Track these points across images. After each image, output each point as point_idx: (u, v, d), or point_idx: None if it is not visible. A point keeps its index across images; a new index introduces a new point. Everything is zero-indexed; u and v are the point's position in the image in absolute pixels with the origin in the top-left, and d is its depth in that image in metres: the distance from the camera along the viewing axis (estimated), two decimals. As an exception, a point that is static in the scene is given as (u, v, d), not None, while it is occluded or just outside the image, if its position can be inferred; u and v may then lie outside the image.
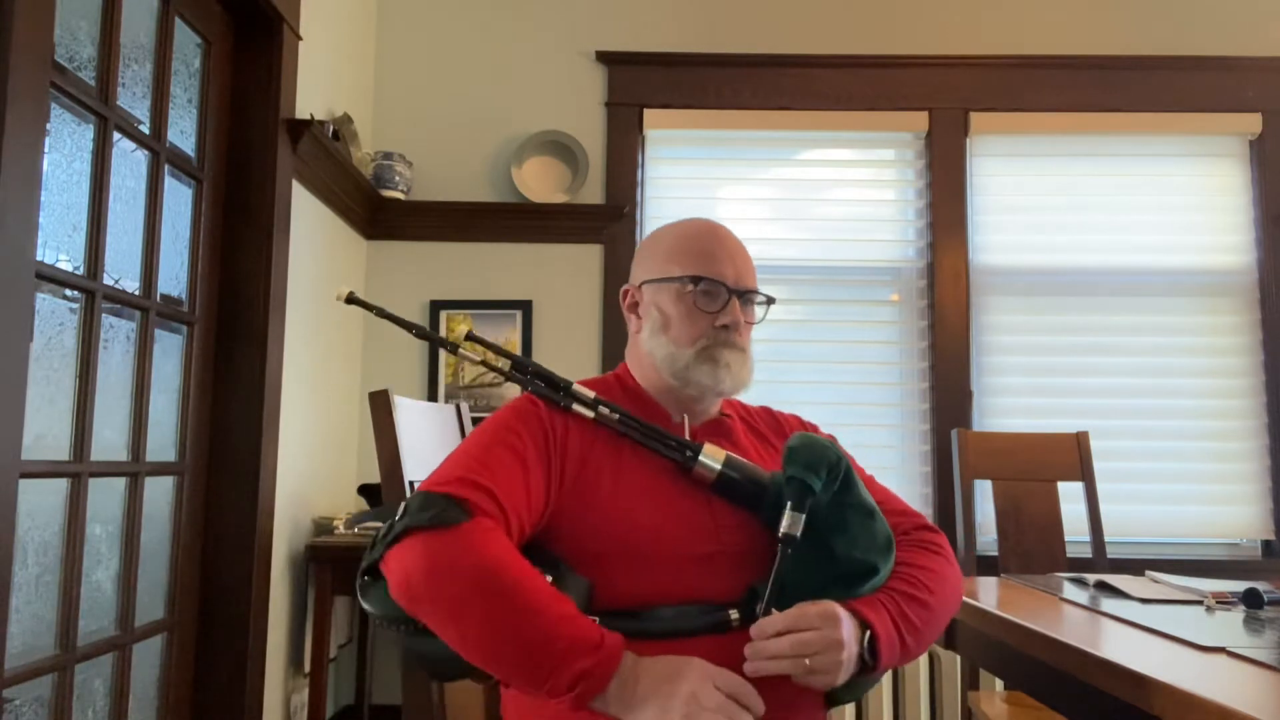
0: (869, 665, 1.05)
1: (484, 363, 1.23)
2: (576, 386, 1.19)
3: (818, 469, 1.09)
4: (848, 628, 1.03)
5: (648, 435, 1.16)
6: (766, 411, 1.37)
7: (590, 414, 1.16)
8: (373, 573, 1.04)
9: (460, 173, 3.12)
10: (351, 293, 1.27)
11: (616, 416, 1.16)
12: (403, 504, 1.04)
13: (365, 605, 1.04)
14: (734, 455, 1.16)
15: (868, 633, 1.05)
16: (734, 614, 1.09)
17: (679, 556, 1.11)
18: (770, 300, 1.28)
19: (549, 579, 1.04)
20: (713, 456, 1.14)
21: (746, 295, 1.24)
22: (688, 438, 1.20)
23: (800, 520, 1.08)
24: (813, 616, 1.02)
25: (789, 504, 1.08)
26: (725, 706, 0.94)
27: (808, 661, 0.99)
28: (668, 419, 1.23)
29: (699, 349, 1.19)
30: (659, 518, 1.12)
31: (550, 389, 1.18)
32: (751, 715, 0.96)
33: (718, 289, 1.21)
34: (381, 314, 1.27)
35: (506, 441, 1.11)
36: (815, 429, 1.34)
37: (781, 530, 1.07)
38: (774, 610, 1.04)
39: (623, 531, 1.10)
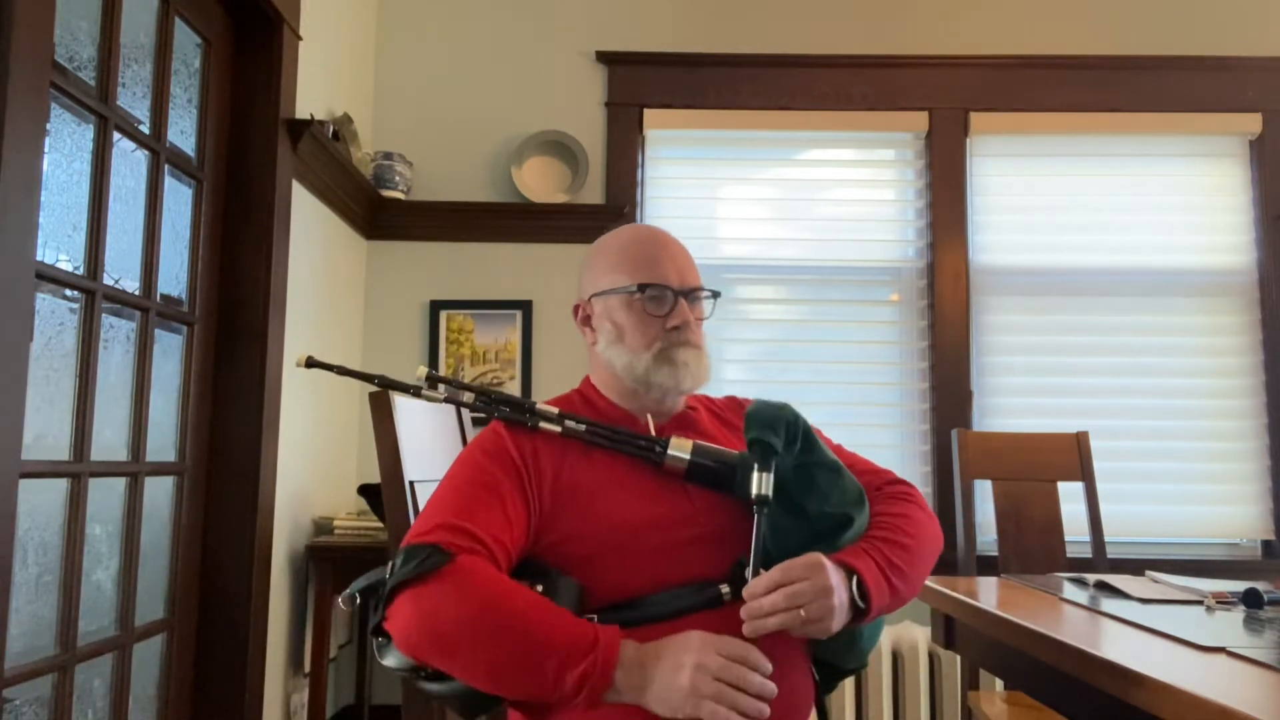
0: (861, 610, 1.09)
1: (449, 399, 1.27)
2: (541, 405, 1.22)
3: (775, 427, 1.14)
4: (835, 575, 1.07)
5: (615, 439, 1.20)
6: (731, 400, 1.41)
7: (558, 429, 1.20)
8: (382, 632, 1.09)
9: (460, 173, 3.12)
10: (310, 357, 1.30)
11: (583, 427, 1.20)
12: (389, 563, 1.08)
13: (384, 662, 1.09)
14: (701, 443, 1.20)
15: (855, 577, 1.09)
16: (725, 588, 1.13)
17: (664, 545, 1.15)
18: (716, 294, 1.31)
19: (539, 588, 1.09)
20: (680, 447, 1.18)
21: (692, 293, 1.27)
22: (653, 434, 1.24)
23: (769, 479, 1.11)
24: (799, 568, 1.05)
25: (756, 466, 1.12)
26: (727, 668, 0.98)
27: (802, 612, 1.03)
28: (634, 422, 1.27)
29: (655, 352, 1.23)
30: (639, 514, 1.16)
31: (516, 412, 1.22)
32: (757, 675, 0.99)
33: (664, 292, 1.25)
34: (343, 371, 1.30)
35: (477, 479, 1.15)
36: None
37: (753, 492, 1.11)
38: (762, 572, 1.07)
39: (607, 532, 1.14)
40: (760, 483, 1.11)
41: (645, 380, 1.23)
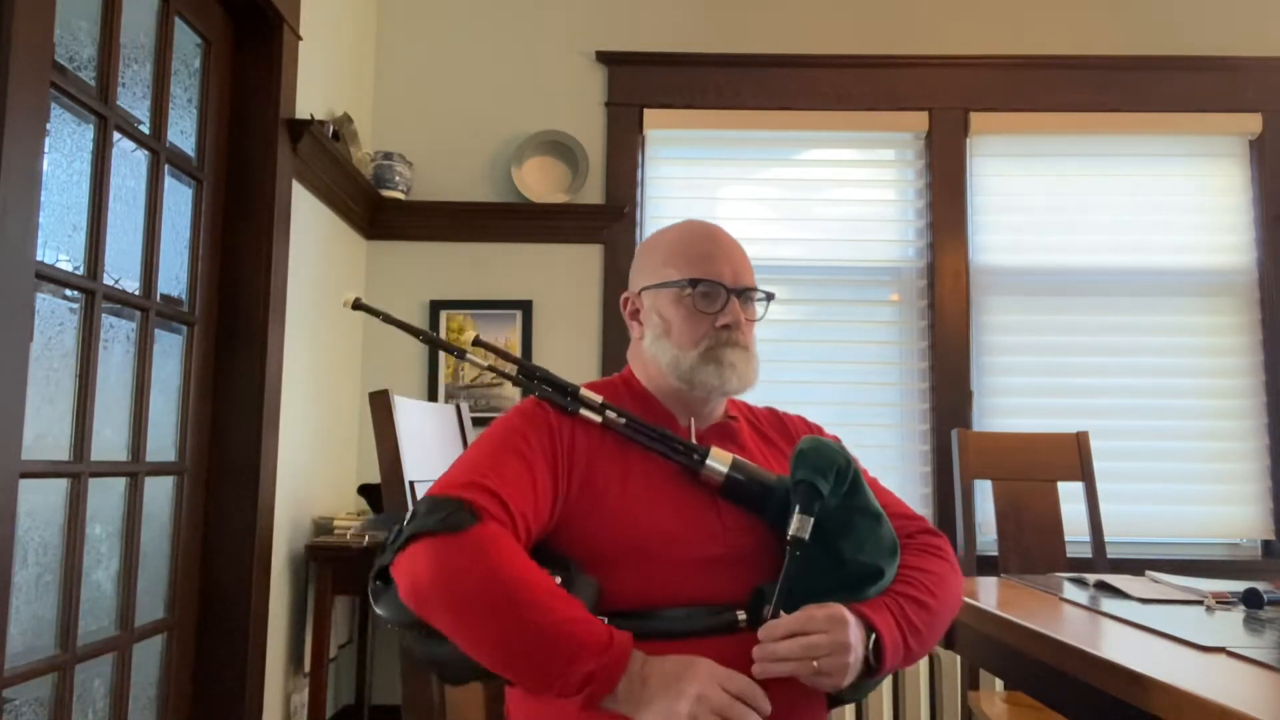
0: (873, 667, 1.06)
1: (491, 368, 1.24)
2: (584, 391, 1.19)
3: (826, 472, 1.10)
4: (854, 631, 1.03)
5: (655, 439, 1.16)
6: (771, 413, 1.37)
7: (597, 418, 1.17)
8: (384, 578, 1.05)
9: (460, 173, 3.12)
10: (358, 299, 1.27)
11: (624, 421, 1.17)
12: (411, 508, 1.05)
13: (378, 610, 1.05)
14: (740, 458, 1.16)
15: (873, 636, 1.06)
16: (740, 615, 1.09)
17: (686, 559, 1.12)
18: (770, 296, 1.28)
19: (558, 580, 1.05)
20: (720, 459, 1.14)
21: (745, 293, 1.24)
22: (694, 441, 1.20)
23: (808, 523, 1.08)
24: (821, 620, 1.02)
25: (797, 507, 1.09)
26: (731, 706, 0.95)
27: (816, 664, 1.00)
28: (674, 422, 1.23)
29: (702, 350, 1.20)
30: (666, 520, 1.13)
31: (557, 393, 1.18)
32: (758, 715, 0.96)
33: (716, 290, 1.21)
34: (388, 319, 1.27)
35: (514, 446, 1.12)
36: (820, 430, 1.34)
37: (790, 533, 1.08)
38: (781, 613, 1.04)
39: (631, 534, 1.11)
40: (800, 525, 1.07)
41: (689, 378, 1.20)
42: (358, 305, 1.26)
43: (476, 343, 1.24)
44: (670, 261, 1.24)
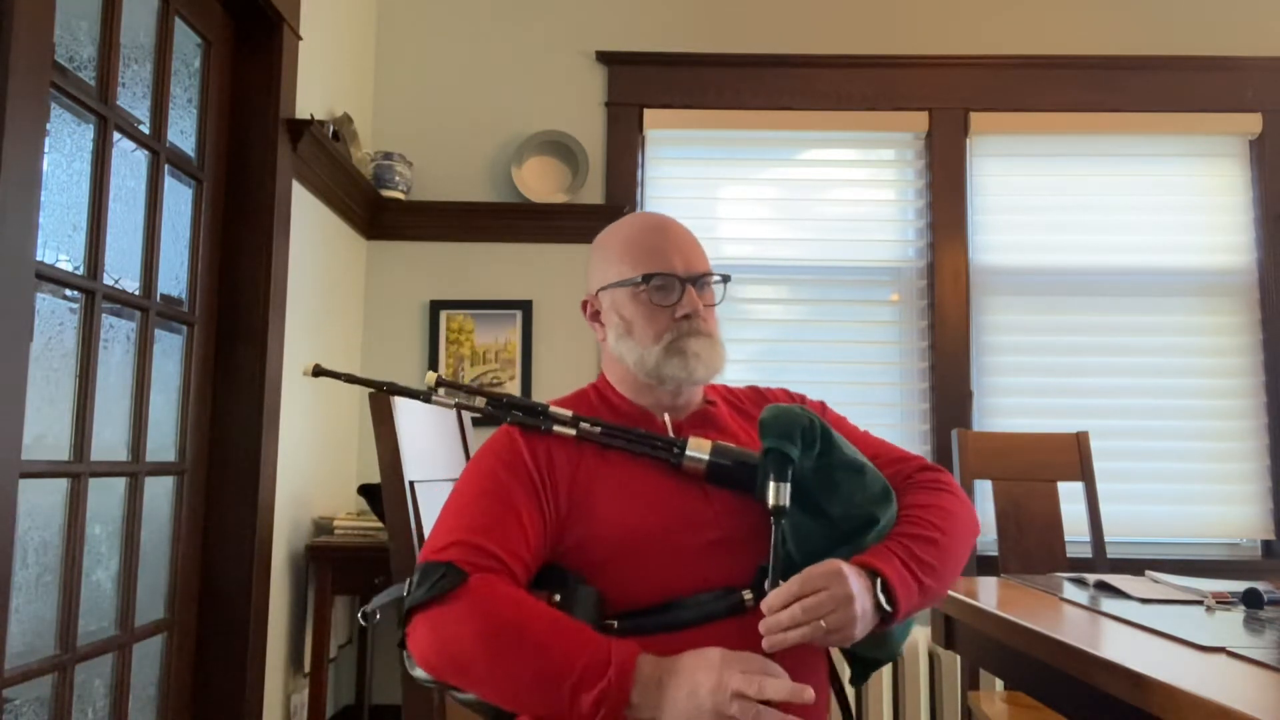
0: (889, 614, 1.06)
1: (459, 405, 1.25)
2: (553, 409, 1.19)
3: (792, 436, 1.10)
4: (855, 581, 1.03)
5: (632, 440, 1.17)
6: (753, 391, 1.37)
7: (572, 432, 1.17)
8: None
9: (460, 173, 3.12)
10: (318, 365, 1.28)
11: (598, 429, 1.17)
12: (408, 580, 1.07)
13: (413, 674, 1.08)
14: (720, 442, 1.17)
15: (879, 580, 1.06)
16: (747, 595, 1.10)
17: (685, 549, 1.12)
18: (726, 278, 1.27)
19: (557, 598, 1.07)
20: (699, 448, 1.15)
21: (701, 279, 1.24)
22: (671, 434, 1.21)
23: (785, 490, 1.09)
24: (817, 578, 1.02)
25: (771, 476, 1.09)
26: (749, 682, 0.95)
27: (823, 623, 1.00)
28: (651, 419, 1.24)
29: (665, 344, 1.20)
30: (658, 516, 1.14)
31: (529, 416, 1.19)
32: (778, 683, 0.96)
33: (670, 281, 1.21)
34: (350, 379, 1.28)
35: (493, 491, 1.13)
36: (803, 399, 1.34)
37: (769, 503, 1.09)
38: (781, 583, 1.05)
39: (626, 536, 1.12)
40: (777, 493, 1.08)
41: (657, 373, 1.20)
42: (318, 372, 1.27)
43: (440, 383, 1.24)
44: (622, 259, 1.24)
